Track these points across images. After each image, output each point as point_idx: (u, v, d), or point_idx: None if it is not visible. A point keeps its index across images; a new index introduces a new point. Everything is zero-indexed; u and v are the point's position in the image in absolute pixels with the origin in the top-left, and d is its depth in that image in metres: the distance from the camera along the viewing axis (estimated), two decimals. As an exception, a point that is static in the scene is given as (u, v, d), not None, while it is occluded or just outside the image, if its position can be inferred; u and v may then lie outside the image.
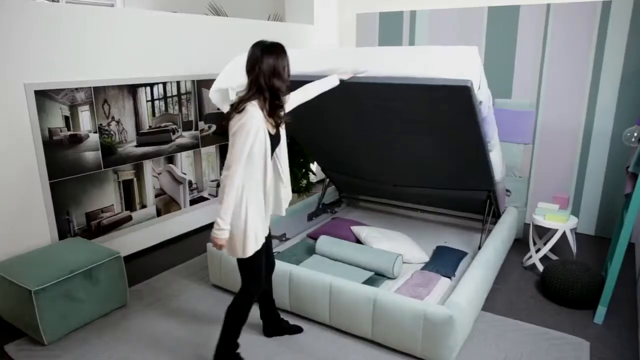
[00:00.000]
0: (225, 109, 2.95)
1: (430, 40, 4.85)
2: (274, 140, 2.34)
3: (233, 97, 2.90)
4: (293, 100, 2.54)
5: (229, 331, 2.41)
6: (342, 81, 2.79)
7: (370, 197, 4.72)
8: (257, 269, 2.39)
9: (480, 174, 3.40)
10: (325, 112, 3.38)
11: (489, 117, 2.92)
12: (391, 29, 5.09)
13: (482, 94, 2.67)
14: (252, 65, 2.22)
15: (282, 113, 2.33)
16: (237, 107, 2.18)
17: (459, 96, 2.58)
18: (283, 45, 2.29)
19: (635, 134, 3.09)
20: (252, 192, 2.24)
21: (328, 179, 4.55)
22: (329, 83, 2.76)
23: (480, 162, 3.23)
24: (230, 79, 2.92)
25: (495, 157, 3.26)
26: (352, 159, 4.01)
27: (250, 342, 2.76)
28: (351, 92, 2.94)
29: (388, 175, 4.00)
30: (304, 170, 4.94)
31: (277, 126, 2.35)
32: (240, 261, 2.36)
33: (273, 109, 2.26)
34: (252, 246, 2.27)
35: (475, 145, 3.05)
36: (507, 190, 4.00)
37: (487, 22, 4.51)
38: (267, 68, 2.20)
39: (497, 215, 3.96)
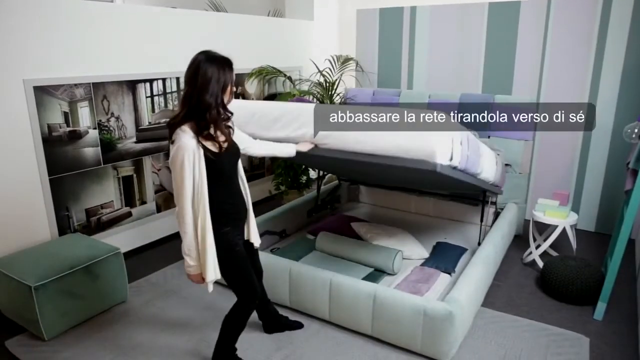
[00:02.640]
0: None
1: (431, 36, 4.84)
2: (227, 159, 2.14)
3: None
4: (257, 150, 2.49)
5: (226, 338, 2.39)
6: (299, 152, 2.60)
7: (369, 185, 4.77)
8: (245, 279, 2.29)
9: (477, 189, 3.37)
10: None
11: (471, 157, 2.72)
12: (391, 25, 5.08)
13: (457, 157, 2.50)
14: (189, 76, 1.98)
15: (221, 136, 2.07)
16: (170, 133, 2.00)
17: (428, 170, 2.40)
18: (231, 60, 2.06)
19: (636, 130, 3.09)
20: (209, 221, 2.08)
21: (323, 173, 4.55)
22: (285, 152, 2.58)
23: (475, 186, 3.17)
24: None
25: (488, 172, 3.13)
26: (351, 174, 4.02)
27: (251, 339, 2.77)
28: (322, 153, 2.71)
29: (386, 182, 4.02)
30: (303, 166, 4.93)
31: (226, 142, 2.11)
32: (226, 278, 2.26)
33: (202, 130, 2.00)
34: (212, 273, 2.12)
35: (465, 183, 2.94)
36: (507, 164, 3.96)
37: (487, 17, 4.50)
38: (202, 82, 1.95)
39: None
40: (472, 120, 4.17)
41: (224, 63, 2.04)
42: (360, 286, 2.74)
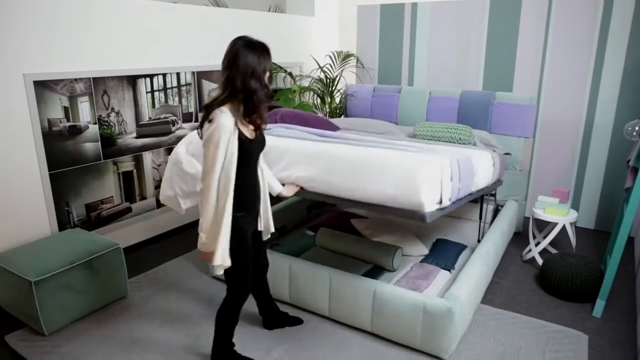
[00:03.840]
0: (181, 212, 2.64)
1: (432, 33, 4.83)
2: (256, 146, 2.18)
3: (185, 205, 2.63)
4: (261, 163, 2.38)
5: (222, 333, 2.38)
6: (279, 195, 2.53)
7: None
8: (242, 273, 2.27)
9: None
10: None
11: (464, 184, 2.67)
12: (392, 22, 5.07)
13: (447, 194, 2.46)
14: (229, 61, 2.00)
15: (259, 120, 2.11)
16: (207, 113, 2.01)
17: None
18: (268, 47, 2.09)
19: (637, 128, 3.08)
20: (230, 203, 2.07)
21: None
22: (273, 187, 2.51)
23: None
24: (174, 186, 2.60)
25: (483, 181, 3.11)
26: None
27: (251, 334, 2.77)
28: None
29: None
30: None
31: (257, 129, 2.15)
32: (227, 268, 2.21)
33: (248, 113, 2.05)
34: (219, 258, 2.09)
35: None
36: (507, 153, 3.96)
37: (488, 14, 4.49)
38: (244, 66, 1.99)
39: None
40: (473, 117, 4.20)
41: (263, 49, 2.07)
42: (360, 282, 2.74)
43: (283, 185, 2.60)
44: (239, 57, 2.00)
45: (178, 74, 4.03)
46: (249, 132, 2.12)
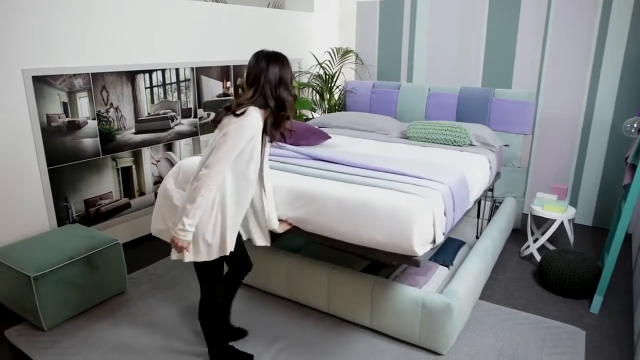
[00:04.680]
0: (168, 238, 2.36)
1: (431, 29, 4.83)
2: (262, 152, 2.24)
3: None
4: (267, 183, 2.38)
5: (210, 333, 2.39)
6: (272, 229, 2.47)
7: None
8: (215, 276, 2.27)
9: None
10: None
11: (458, 211, 2.66)
12: (392, 18, 5.06)
13: (441, 230, 2.43)
14: (257, 76, 2.08)
15: (286, 127, 2.19)
16: (237, 109, 2.02)
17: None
18: (285, 55, 2.17)
19: (635, 125, 3.09)
20: (229, 197, 2.08)
21: None
22: (270, 219, 2.42)
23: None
24: (166, 220, 2.37)
25: (478, 192, 3.12)
26: None
27: (249, 330, 2.78)
28: None
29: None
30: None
31: (272, 139, 2.24)
32: (201, 265, 2.19)
33: (279, 121, 2.14)
34: (215, 251, 2.10)
35: None
36: (505, 145, 3.96)
37: (488, 11, 4.48)
38: (273, 77, 2.07)
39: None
40: (472, 114, 4.20)
41: (285, 59, 2.15)
42: (358, 278, 2.75)
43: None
44: (267, 70, 2.07)
45: (177, 70, 4.02)
46: (266, 138, 2.21)
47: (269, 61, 2.08)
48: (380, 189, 2.43)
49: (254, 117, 2.03)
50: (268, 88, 2.06)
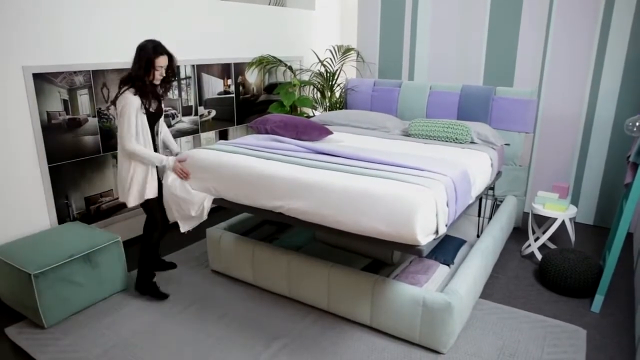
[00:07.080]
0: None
1: (433, 27, 4.81)
2: (154, 116, 2.94)
3: (184, 229, 3.02)
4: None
5: (144, 260, 3.06)
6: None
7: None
8: (152, 214, 3.04)
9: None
10: None
11: (460, 204, 2.65)
12: (393, 16, 5.05)
13: (444, 220, 2.40)
14: (135, 58, 2.80)
15: (152, 95, 2.87)
16: (118, 92, 2.78)
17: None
18: (158, 45, 2.82)
19: (637, 124, 3.08)
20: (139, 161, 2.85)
21: None
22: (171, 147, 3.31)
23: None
24: (173, 211, 3.02)
25: (480, 189, 3.11)
26: None
27: (250, 330, 2.78)
28: None
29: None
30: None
31: (158, 102, 2.96)
32: (142, 206, 3.00)
33: (143, 93, 2.81)
34: (134, 198, 2.90)
35: None
36: (506, 144, 3.95)
37: (490, 9, 4.47)
38: (137, 61, 2.77)
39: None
40: (473, 112, 4.19)
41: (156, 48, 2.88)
42: (359, 277, 2.75)
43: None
44: (137, 55, 2.81)
45: (178, 67, 4.01)
46: (149, 105, 2.90)
47: (140, 49, 2.84)
48: (383, 179, 2.41)
49: (127, 99, 2.77)
50: (133, 69, 2.81)
